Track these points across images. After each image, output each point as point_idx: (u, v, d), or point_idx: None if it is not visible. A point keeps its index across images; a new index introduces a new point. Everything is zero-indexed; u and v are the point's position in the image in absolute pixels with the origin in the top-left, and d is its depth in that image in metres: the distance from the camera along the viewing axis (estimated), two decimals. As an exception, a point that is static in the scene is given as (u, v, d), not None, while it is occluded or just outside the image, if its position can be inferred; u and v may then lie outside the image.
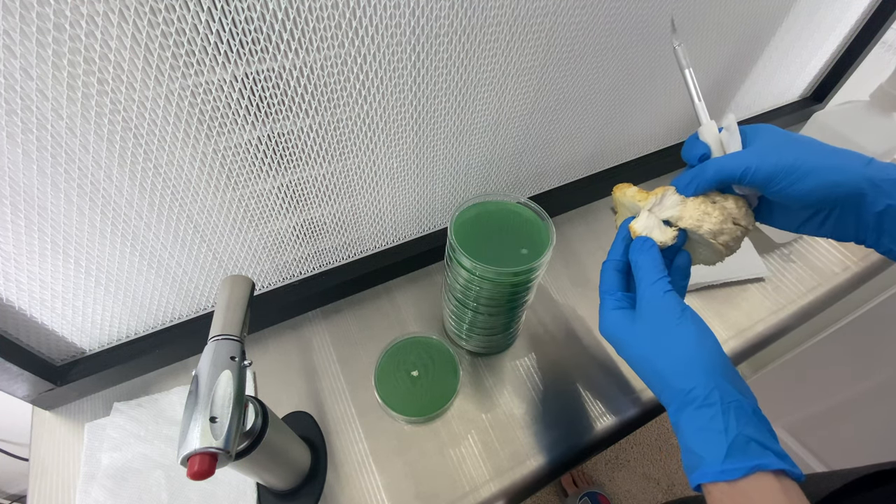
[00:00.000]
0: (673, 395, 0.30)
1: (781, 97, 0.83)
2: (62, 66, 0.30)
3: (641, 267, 0.34)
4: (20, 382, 0.45)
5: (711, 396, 0.28)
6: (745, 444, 0.27)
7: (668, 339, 0.31)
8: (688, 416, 0.29)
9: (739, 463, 0.26)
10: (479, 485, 0.47)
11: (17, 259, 0.39)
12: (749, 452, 0.27)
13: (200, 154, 0.39)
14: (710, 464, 0.27)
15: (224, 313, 0.35)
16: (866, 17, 0.73)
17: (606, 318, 0.35)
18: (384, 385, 0.51)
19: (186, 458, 0.28)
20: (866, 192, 0.29)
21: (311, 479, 0.46)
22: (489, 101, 0.48)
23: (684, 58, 0.36)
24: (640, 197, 0.37)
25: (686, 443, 0.29)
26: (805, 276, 0.64)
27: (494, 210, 0.48)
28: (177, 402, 0.52)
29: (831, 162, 0.30)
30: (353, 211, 0.53)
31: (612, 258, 0.37)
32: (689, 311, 0.32)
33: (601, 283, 0.37)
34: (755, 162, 0.31)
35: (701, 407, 0.29)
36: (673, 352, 0.31)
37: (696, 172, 0.34)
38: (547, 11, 0.43)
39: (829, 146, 0.31)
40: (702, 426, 0.28)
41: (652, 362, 0.32)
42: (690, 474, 0.29)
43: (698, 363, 0.30)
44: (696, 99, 0.36)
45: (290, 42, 0.35)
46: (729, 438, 0.27)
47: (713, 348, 0.30)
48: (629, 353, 0.34)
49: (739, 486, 0.26)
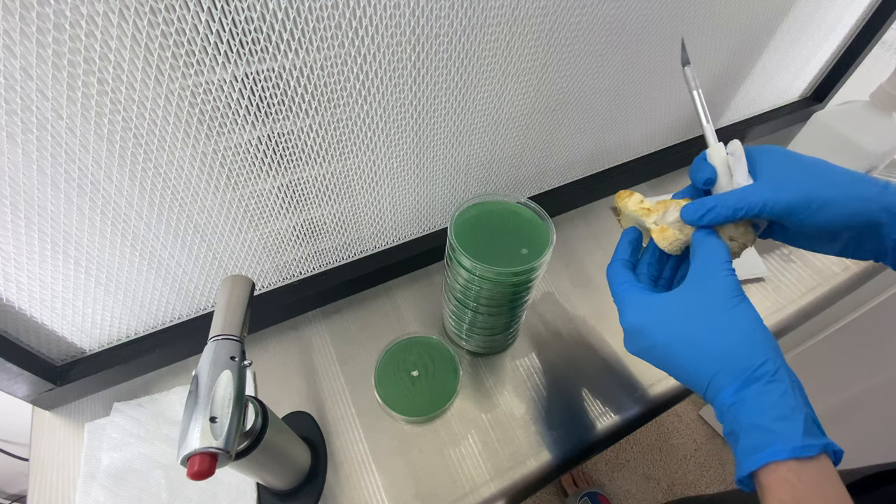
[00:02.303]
0: (733, 375, 0.29)
1: (781, 97, 0.83)
2: (62, 66, 0.30)
3: (708, 247, 0.33)
4: (20, 382, 0.45)
5: (780, 373, 0.28)
6: (812, 423, 0.27)
7: (730, 316, 0.30)
8: (757, 392, 0.28)
9: (815, 440, 0.26)
10: (479, 485, 0.47)
11: (17, 259, 0.39)
12: (816, 432, 0.26)
13: (200, 154, 0.39)
14: (789, 440, 0.26)
15: (224, 313, 0.35)
16: (866, 17, 0.73)
17: (637, 304, 0.34)
18: (384, 385, 0.51)
19: (186, 458, 0.28)
20: (884, 222, 0.29)
21: (311, 479, 0.46)
22: (489, 101, 0.48)
23: (693, 80, 0.36)
24: (643, 212, 0.37)
25: (755, 420, 0.28)
26: (805, 276, 0.64)
27: (494, 210, 0.48)
28: (177, 402, 0.52)
29: (847, 192, 0.30)
30: (353, 211, 0.53)
31: (620, 258, 0.37)
32: (747, 296, 0.31)
33: (616, 278, 0.36)
34: (772, 197, 0.31)
35: (771, 382, 0.28)
36: (737, 328, 0.30)
37: (709, 206, 0.33)
38: (547, 11, 0.43)
39: (842, 171, 0.31)
40: (774, 402, 0.27)
41: (707, 341, 0.30)
42: (758, 453, 0.27)
43: (765, 340, 0.29)
44: (705, 121, 0.36)
45: (290, 42, 0.35)
46: (802, 415, 0.26)
47: (770, 332, 0.30)
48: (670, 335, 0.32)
49: (807, 466, 0.26)
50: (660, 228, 0.35)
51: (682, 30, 0.53)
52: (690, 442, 1.36)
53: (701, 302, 0.31)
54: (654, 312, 0.32)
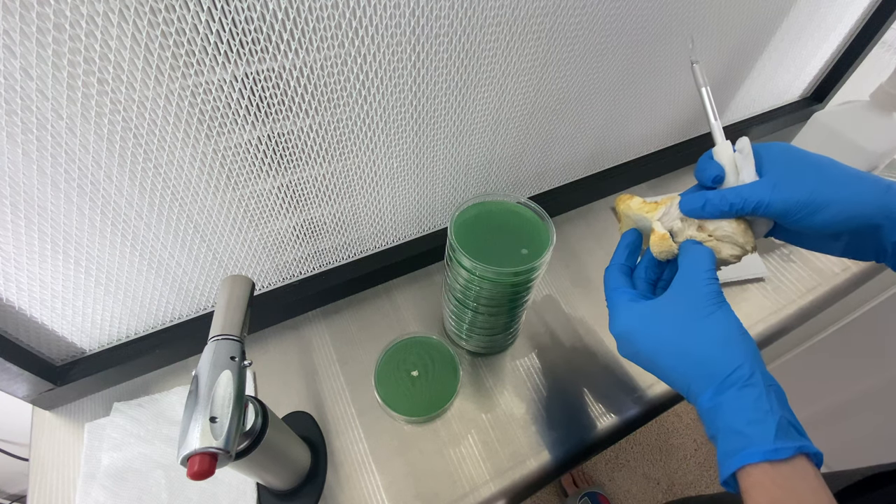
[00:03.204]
0: (711, 379, 0.30)
1: (781, 97, 0.83)
2: (62, 66, 0.30)
3: (692, 255, 0.33)
4: (20, 382, 0.45)
5: (755, 377, 0.28)
6: (787, 426, 0.27)
7: (707, 323, 0.31)
8: (731, 397, 0.29)
9: (788, 443, 0.26)
10: (479, 485, 0.47)
11: (17, 259, 0.39)
12: (791, 434, 0.27)
13: (200, 154, 0.39)
14: (760, 443, 0.27)
15: (224, 313, 0.35)
16: (866, 17, 0.73)
17: (624, 311, 0.34)
18: (384, 385, 0.51)
19: (186, 458, 0.28)
20: (882, 224, 0.29)
21: (311, 479, 0.46)
22: (489, 101, 0.48)
23: (702, 76, 0.36)
24: (647, 209, 0.37)
25: (730, 424, 0.28)
26: (805, 276, 0.64)
27: (494, 210, 0.47)
28: (177, 402, 0.51)
29: (847, 193, 0.30)
30: (353, 211, 0.53)
31: (617, 262, 0.37)
32: (727, 303, 0.32)
33: (609, 283, 0.37)
34: (768, 196, 0.31)
35: (745, 387, 0.28)
36: (713, 334, 0.30)
37: (706, 201, 0.33)
38: (547, 11, 0.43)
39: (847, 170, 0.31)
40: (747, 405, 0.28)
41: (688, 346, 0.31)
42: (733, 457, 0.28)
43: (741, 345, 0.30)
44: (713, 118, 0.36)
45: (290, 42, 0.35)
46: (776, 418, 0.27)
47: (749, 336, 0.31)
48: (654, 341, 0.33)
49: (782, 468, 0.26)
50: (654, 235, 0.36)
51: (681, 30, 0.53)
52: (690, 442, 1.36)
53: (681, 309, 0.32)
54: (639, 319, 0.33)
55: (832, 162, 0.32)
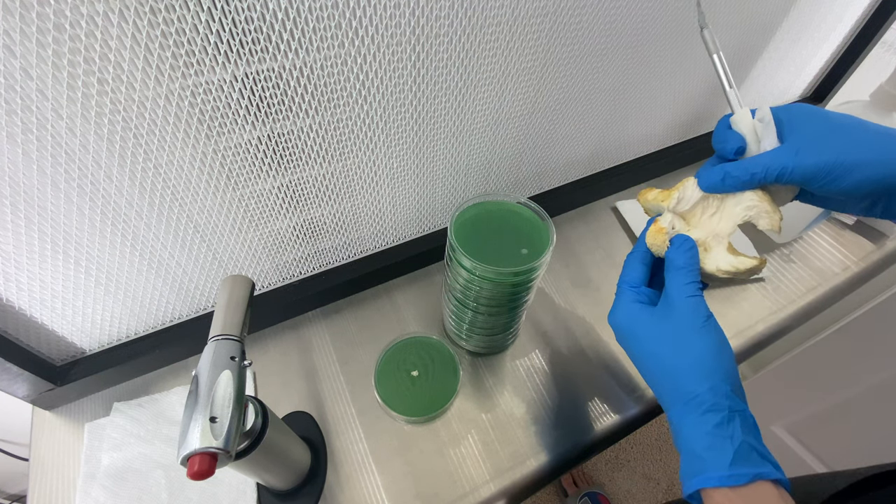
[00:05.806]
0: (678, 396, 0.30)
1: (782, 97, 0.83)
2: (62, 66, 0.30)
3: (676, 265, 0.33)
4: (20, 382, 0.45)
5: (720, 403, 0.29)
6: (749, 452, 0.27)
7: (688, 340, 0.31)
8: (693, 420, 0.29)
9: (745, 469, 0.27)
10: (479, 485, 0.47)
11: (17, 259, 0.39)
12: (752, 460, 0.27)
13: (200, 154, 0.39)
14: (716, 468, 0.27)
15: (224, 313, 0.35)
16: (866, 17, 0.72)
17: (622, 309, 0.35)
18: (384, 385, 0.51)
19: (186, 458, 0.28)
20: None
21: (311, 479, 0.46)
22: (489, 101, 0.48)
23: (712, 42, 0.34)
24: (662, 198, 0.37)
25: (689, 446, 0.29)
26: (805, 276, 0.64)
27: (494, 210, 0.47)
28: (177, 402, 0.52)
29: (874, 155, 0.28)
30: (353, 211, 0.53)
31: (639, 249, 0.37)
32: (713, 319, 0.32)
33: (624, 274, 0.37)
34: (791, 163, 0.30)
35: (707, 412, 0.29)
36: (691, 354, 0.31)
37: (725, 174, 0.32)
38: (547, 12, 0.43)
39: (875, 128, 0.29)
40: (707, 431, 0.28)
41: (664, 361, 0.32)
42: (691, 479, 0.28)
43: (714, 369, 0.30)
44: (727, 85, 0.34)
45: (290, 42, 0.35)
46: (735, 445, 0.27)
47: (729, 359, 0.31)
48: (639, 347, 0.33)
49: (742, 493, 0.27)
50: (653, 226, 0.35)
51: (681, 30, 0.53)
52: (690, 442, 1.36)
53: (670, 322, 0.32)
54: (633, 321, 0.34)
55: (858, 121, 0.30)
